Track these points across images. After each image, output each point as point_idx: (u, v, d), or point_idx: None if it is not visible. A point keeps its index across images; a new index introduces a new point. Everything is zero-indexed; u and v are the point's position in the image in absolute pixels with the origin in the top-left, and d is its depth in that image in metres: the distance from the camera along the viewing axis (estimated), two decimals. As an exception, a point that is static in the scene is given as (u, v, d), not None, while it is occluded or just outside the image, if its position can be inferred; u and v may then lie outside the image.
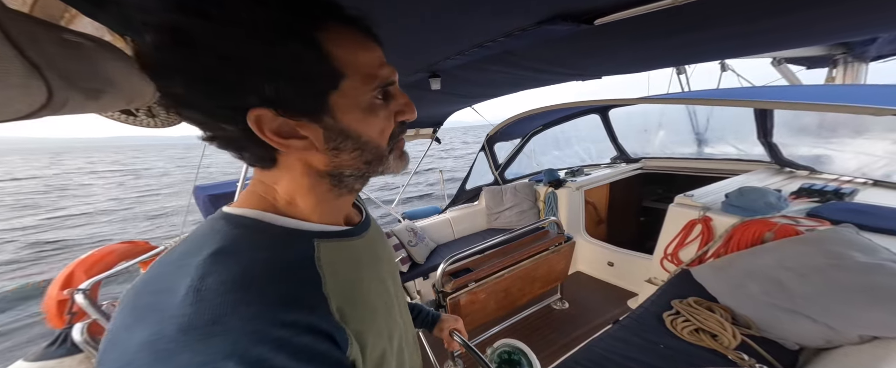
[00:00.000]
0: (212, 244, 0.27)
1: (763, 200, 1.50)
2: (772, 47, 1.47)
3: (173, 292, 0.24)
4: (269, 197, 0.33)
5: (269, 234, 0.31)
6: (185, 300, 0.23)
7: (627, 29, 0.81)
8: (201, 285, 0.24)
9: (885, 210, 1.39)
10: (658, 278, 1.78)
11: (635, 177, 2.83)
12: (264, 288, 0.26)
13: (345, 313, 0.30)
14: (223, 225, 0.30)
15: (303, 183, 0.33)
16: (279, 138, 0.29)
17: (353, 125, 0.30)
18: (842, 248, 1.11)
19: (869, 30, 1.19)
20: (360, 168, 0.33)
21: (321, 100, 0.29)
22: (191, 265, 0.25)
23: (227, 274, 0.25)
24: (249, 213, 0.32)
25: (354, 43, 0.29)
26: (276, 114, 0.28)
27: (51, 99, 0.26)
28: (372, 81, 0.30)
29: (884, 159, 1.87)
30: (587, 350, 1.12)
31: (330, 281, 0.30)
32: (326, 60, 0.27)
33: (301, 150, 0.31)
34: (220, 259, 0.26)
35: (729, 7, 0.72)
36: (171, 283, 0.25)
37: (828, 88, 1.72)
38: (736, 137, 2.67)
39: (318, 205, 0.34)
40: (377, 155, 0.33)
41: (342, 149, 0.31)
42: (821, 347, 1.02)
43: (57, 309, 1.76)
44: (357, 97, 0.30)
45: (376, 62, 0.31)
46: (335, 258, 0.33)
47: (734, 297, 1.23)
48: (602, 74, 1.60)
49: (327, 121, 0.30)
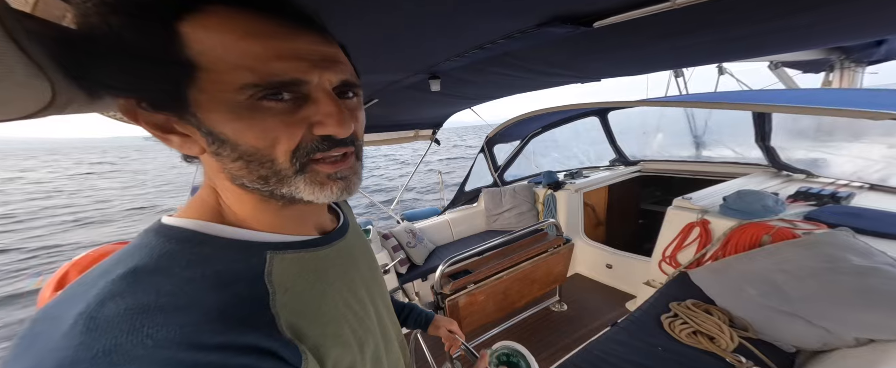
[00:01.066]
0: (129, 262, 0.24)
1: (760, 203, 1.50)
2: (769, 51, 1.48)
3: (65, 319, 0.20)
4: (214, 204, 0.30)
5: (211, 247, 0.27)
6: (73, 329, 0.19)
7: (626, 31, 0.82)
8: (98, 311, 0.20)
9: (882, 213, 1.40)
10: (656, 280, 1.79)
11: (634, 179, 2.84)
12: (188, 309, 0.22)
13: (299, 328, 0.28)
14: (153, 238, 0.26)
15: (230, 187, 0.29)
16: (157, 131, 0.26)
17: (221, 128, 0.25)
18: (838, 251, 1.12)
19: (866, 34, 1.20)
20: (256, 181, 0.28)
21: (175, 95, 0.24)
22: (98, 286, 0.22)
23: (137, 297, 0.22)
24: (189, 224, 0.28)
25: (240, 29, 0.24)
26: (135, 103, 0.25)
27: (55, 98, 0.25)
28: (244, 76, 0.24)
29: (880, 163, 1.88)
30: (586, 352, 1.12)
31: (281, 296, 0.28)
32: (173, 48, 0.23)
33: (188, 148, 0.27)
34: (133, 279, 0.23)
35: (726, 11, 0.72)
36: (67, 309, 0.21)
37: (825, 92, 1.73)
38: (734, 140, 2.69)
39: (258, 215, 0.30)
40: (272, 171, 0.27)
41: (222, 155, 0.26)
42: (817, 350, 1.02)
43: (51, 309, 1.74)
44: (221, 94, 0.24)
45: (268, 54, 0.24)
46: (292, 271, 0.30)
47: (732, 300, 1.24)
48: (601, 77, 1.61)
49: (191, 120, 0.25)
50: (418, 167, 3.17)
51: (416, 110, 2.16)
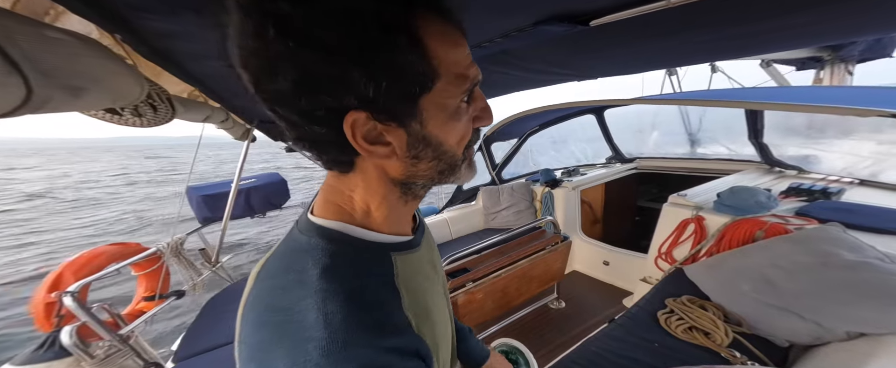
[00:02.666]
0: (316, 260, 0.27)
1: (754, 199, 1.52)
2: (761, 50, 1.49)
3: (302, 313, 0.24)
4: (347, 207, 0.31)
5: (355, 249, 0.30)
6: (317, 323, 0.24)
7: (623, 30, 0.82)
8: (325, 308, 0.25)
9: (871, 208, 1.43)
10: (653, 277, 1.80)
11: (630, 176, 2.86)
12: (369, 312, 0.26)
13: (421, 328, 0.30)
14: (317, 239, 0.29)
15: (378, 191, 0.31)
16: (366, 144, 0.26)
17: (437, 132, 0.27)
18: (829, 246, 1.14)
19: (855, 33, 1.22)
20: (433, 177, 0.31)
21: (412, 104, 0.26)
22: (306, 284, 0.26)
23: (340, 298, 0.25)
24: (333, 225, 0.31)
25: (447, 37, 0.26)
26: (369, 117, 0.25)
27: (30, 96, 0.25)
28: (463, 83, 0.27)
29: (869, 159, 1.92)
30: (583, 348, 1.13)
31: (407, 298, 0.30)
32: (425, 58, 0.24)
33: (386, 157, 0.28)
34: (330, 278, 0.26)
35: (720, 10, 0.73)
36: (295, 302, 0.25)
37: (815, 90, 1.76)
38: (727, 138, 2.72)
39: (389, 215, 0.32)
40: (451, 164, 0.30)
41: (421, 157, 0.29)
42: (810, 344, 1.04)
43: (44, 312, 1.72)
44: (446, 101, 0.27)
45: (467, 60, 0.27)
46: (408, 272, 0.32)
47: (726, 295, 1.26)
48: (598, 75, 1.61)
49: (414, 127, 0.27)
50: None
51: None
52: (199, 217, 2.16)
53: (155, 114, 0.73)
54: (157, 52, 0.69)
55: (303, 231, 0.31)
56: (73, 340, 1.21)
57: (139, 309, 1.99)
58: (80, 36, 0.38)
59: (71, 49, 0.35)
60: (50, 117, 43.50)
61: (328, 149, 0.28)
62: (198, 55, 0.70)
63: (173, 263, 1.82)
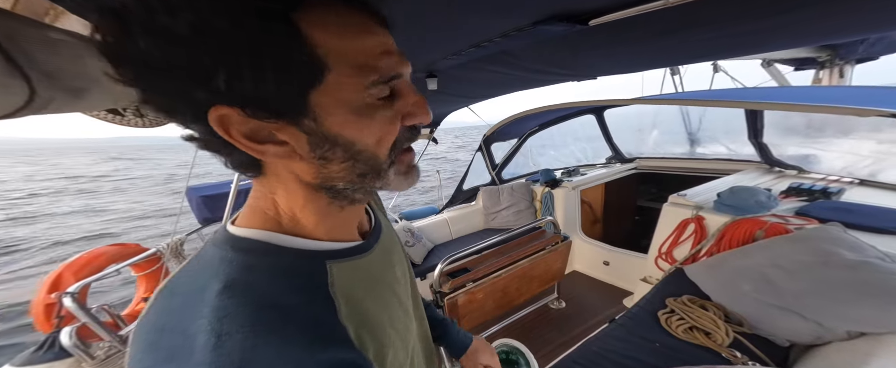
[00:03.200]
0: (221, 276, 0.24)
1: (754, 199, 1.52)
2: (761, 48, 1.50)
3: (192, 335, 0.22)
4: (272, 213, 0.29)
5: (279, 259, 0.27)
6: (206, 346, 0.21)
7: (622, 29, 0.82)
8: (220, 328, 0.22)
9: (871, 208, 1.43)
10: (653, 277, 1.80)
11: (630, 176, 2.86)
12: (284, 327, 0.23)
13: (363, 337, 0.28)
14: (229, 251, 0.27)
15: (298, 194, 0.28)
16: (252, 143, 0.24)
17: (341, 130, 0.25)
18: (829, 246, 1.14)
19: (855, 32, 1.22)
20: (354, 181, 0.27)
21: (299, 99, 0.23)
22: (204, 301, 0.23)
23: (243, 313, 0.23)
24: (255, 234, 0.28)
25: (348, 25, 0.23)
26: (243, 114, 0.22)
27: (33, 98, 0.25)
28: (367, 74, 0.24)
29: (869, 159, 1.92)
30: (584, 348, 1.13)
31: (345, 307, 0.28)
32: (305, 47, 0.22)
33: (283, 158, 0.26)
34: (233, 294, 0.23)
35: (720, 9, 0.73)
36: (187, 324, 0.23)
37: (815, 90, 1.76)
38: (727, 137, 2.72)
39: (321, 221, 0.30)
40: (373, 167, 0.27)
41: (330, 158, 0.26)
42: (811, 343, 1.04)
43: (44, 313, 1.72)
44: (346, 95, 0.24)
45: (377, 49, 0.24)
46: (349, 280, 0.30)
47: (727, 295, 1.25)
48: (597, 75, 1.61)
49: (308, 125, 0.24)
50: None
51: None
52: (199, 217, 2.16)
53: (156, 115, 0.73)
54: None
55: (216, 244, 0.28)
56: (73, 341, 1.21)
57: (139, 310, 1.99)
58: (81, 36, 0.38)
59: (72, 50, 0.35)
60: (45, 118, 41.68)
61: (219, 149, 0.25)
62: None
63: (173, 264, 1.82)
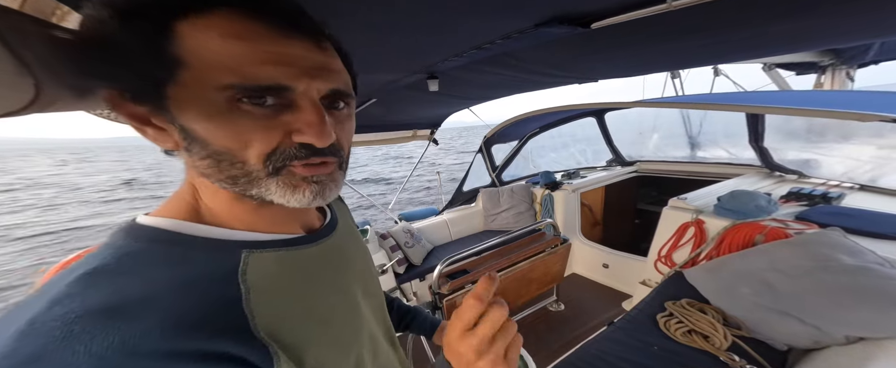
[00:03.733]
0: (91, 262, 0.23)
1: (754, 203, 1.52)
2: (763, 53, 1.50)
3: (9, 324, 0.20)
4: (191, 201, 0.30)
5: (184, 247, 0.27)
6: (13, 334, 0.19)
7: (623, 33, 0.82)
8: (44, 315, 0.19)
9: (871, 214, 1.43)
10: (652, 280, 1.80)
11: (630, 179, 2.86)
12: (141, 313, 0.21)
13: (275, 329, 0.27)
14: (121, 238, 0.26)
15: (206, 184, 0.29)
16: (134, 122, 0.26)
17: (194, 126, 0.25)
18: (829, 251, 1.14)
19: (856, 37, 1.22)
20: (224, 180, 0.27)
21: (155, 90, 0.25)
22: (52, 289, 0.21)
23: (86, 300, 0.21)
24: (164, 223, 0.28)
25: (233, 31, 0.24)
26: (119, 95, 0.25)
27: (39, 96, 0.25)
28: (224, 77, 0.24)
29: (870, 164, 1.92)
30: (583, 351, 1.13)
31: (256, 296, 0.27)
32: (162, 45, 0.23)
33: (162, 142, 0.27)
34: (88, 281, 0.22)
35: (722, 13, 0.73)
36: (17, 313, 0.21)
37: (816, 94, 1.76)
38: (728, 141, 2.72)
39: (235, 212, 0.30)
40: (243, 172, 0.27)
41: (192, 151, 0.26)
42: (809, 347, 1.04)
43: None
44: (200, 93, 0.24)
45: (257, 58, 0.24)
46: (270, 270, 0.29)
47: (726, 299, 1.25)
48: (598, 77, 1.62)
49: (169, 116, 0.25)
50: (415, 169, 3.17)
51: (414, 110, 2.15)
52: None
53: None
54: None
55: (115, 232, 0.28)
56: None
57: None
58: None
59: None
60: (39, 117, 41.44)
61: None
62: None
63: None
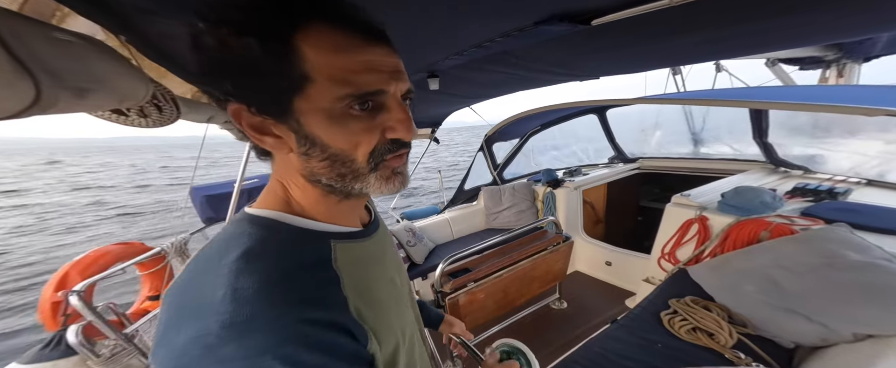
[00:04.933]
0: (240, 245, 0.29)
1: (758, 200, 1.51)
2: (766, 48, 1.48)
3: (212, 292, 0.26)
4: (283, 196, 0.34)
5: (290, 234, 0.32)
6: (224, 298, 0.25)
7: (624, 29, 0.82)
8: (235, 283, 0.26)
9: (879, 209, 1.41)
10: (655, 277, 1.79)
11: (633, 176, 2.84)
12: (290, 287, 0.27)
13: (361, 311, 0.31)
14: (247, 226, 0.31)
15: (296, 183, 0.34)
16: (255, 133, 0.30)
17: (318, 132, 0.29)
18: (836, 247, 1.12)
19: (861, 31, 1.21)
20: (334, 178, 0.32)
21: (285, 103, 0.28)
22: (223, 265, 0.27)
23: (256, 274, 0.27)
24: (268, 214, 0.33)
25: (334, 45, 0.28)
26: (248, 110, 0.29)
27: (39, 98, 0.25)
28: (341, 88, 0.28)
29: (877, 159, 1.89)
30: (585, 349, 1.12)
31: (347, 281, 0.31)
32: (292, 62, 0.27)
33: (278, 149, 0.31)
34: (249, 259, 0.28)
35: (724, 8, 0.72)
36: (209, 283, 0.27)
37: (821, 89, 1.74)
38: (731, 137, 2.69)
39: (319, 207, 0.34)
40: (351, 170, 0.31)
41: (311, 155, 0.31)
42: (816, 345, 1.02)
43: (51, 311, 1.74)
44: (322, 103, 0.28)
45: (358, 67, 0.28)
46: (349, 259, 0.34)
47: (731, 296, 1.24)
48: (599, 74, 1.61)
49: (293, 125, 0.29)
50: (416, 167, 3.16)
51: (415, 109, 2.14)
52: (203, 217, 2.18)
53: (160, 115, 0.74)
54: (161, 53, 0.69)
55: (234, 222, 0.33)
56: (79, 339, 1.23)
57: (144, 308, 2.01)
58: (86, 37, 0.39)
59: (78, 50, 0.36)
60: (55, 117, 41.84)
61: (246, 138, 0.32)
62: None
63: (177, 263, 1.84)
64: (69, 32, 0.34)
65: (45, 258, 6.15)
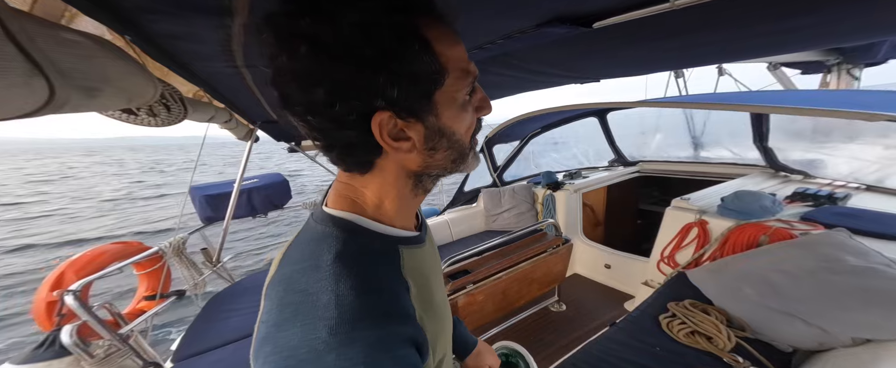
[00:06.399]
0: (330, 247, 0.30)
1: (758, 204, 1.51)
2: (768, 52, 1.48)
3: (316, 294, 0.26)
4: (360, 201, 0.34)
5: (365, 239, 0.32)
6: (329, 304, 0.26)
7: (626, 32, 0.82)
8: (337, 289, 0.26)
9: (878, 214, 1.41)
10: (654, 280, 1.79)
11: (633, 179, 2.84)
12: (379, 296, 0.28)
13: (424, 321, 0.31)
14: (331, 227, 0.32)
15: (393, 185, 0.33)
16: (392, 141, 0.29)
17: (450, 123, 0.31)
18: (834, 252, 1.12)
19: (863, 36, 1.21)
20: (447, 167, 0.33)
21: (428, 99, 0.29)
22: (320, 268, 0.28)
23: (352, 280, 0.27)
24: (346, 215, 0.33)
25: (448, 38, 0.29)
26: (392, 116, 0.28)
27: (53, 97, 0.26)
28: (466, 77, 0.30)
29: (876, 164, 1.90)
30: (584, 352, 1.12)
31: (414, 289, 0.32)
32: (433, 57, 0.27)
33: (403, 152, 0.31)
34: (342, 262, 0.28)
35: (727, 12, 0.73)
36: (310, 285, 0.27)
37: (822, 93, 1.74)
38: (732, 141, 2.70)
39: (400, 208, 0.35)
40: (462, 152, 0.33)
41: (437, 148, 0.31)
42: (814, 349, 1.02)
43: (46, 311, 1.73)
44: (455, 94, 0.30)
45: (466, 57, 0.30)
46: (413, 265, 0.34)
47: (729, 300, 1.24)
48: (600, 77, 1.61)
49: (430, 121, 0.30)
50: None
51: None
52: (202, 216, 2.17)
53: (168, 114, 0.74)
54: (165, 52, 0.70)
55: (318, 221, 0.33)
56: (73, 339, 1.21)
57: (140, 308, 2.00)
58: (95, 37, 0.39)
59: (87, 50, 0.36)
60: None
61: (355, 151, 0.31)
62: (203, 56, 0.71)
63: (175, 262, 1.83)
64: (78, 33, 0.35)
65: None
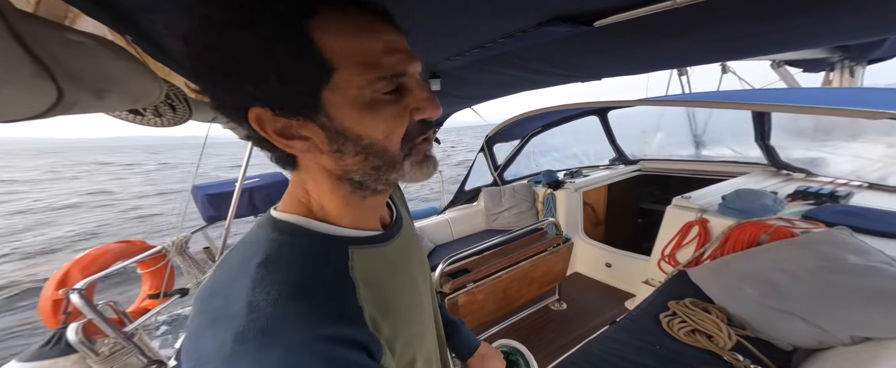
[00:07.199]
0: (262, 251, 0.28)
1: (759, 202, 1.51)
2: (771, 50, 1.47)
3: (233, 300, 0.25)
4: (305, 201, 0.32)
5: (308, 240, 0.30)
6: (241, 312, 0.24)
7: (627, 30, 0.82)
8: (253, 296, 0.25)
9: (880, 212, 1.41)
10: (655, 279, 1.79)
11: (633, 178, 2.84)
12: (305, 299, 0.26)
13: (377, 322, 0.29)
14: (270, 231, 0.30)
15: (324, 185, 0.32)
16: (282, 139, 0.27)
17: (351, 125, 0.27)
18: (836, 250, 1.12)
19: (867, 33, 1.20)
20: (369, 173, 0.30)
21: (312, 98, 0.26)
22: (245, 273, 0.26)
23: (272, 285, 0.26)
24: (290, 218, 0.31)
25: (351, 28, 0.25)
26: (274, 113, 0.26)
27: (61, 98, 0.26)
28: (369, 72, 0.26)
29: (879, 162, 1.89)
30: (585, 350, 1.13)
31: (363, 290, 0.30)
32: (313, 52, 0.24)
33: (308, 152, 0.29)
34: (267, 268, 0.27)
35: (730, 9, 0.72)
36: (231, 290, 0.26)
37: (825, 91, 1.73)
38: (733, 139, 2.69)
39: (344, 209, 0.33)
40: (386, 160, 0.29)
41: (344, 151, 0.28)
42: (814, 348, 1.03)
43: (52, 309, 1.75)
44: (352, 92, 0.26)
45: (380, 48, 0.26)
46: (368, 265, 0.32)
47: (730, 298, 1.24)
48: (602, 76, 1.60)
49: (322, 121, 0.27)
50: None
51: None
52: (204, 215, 2.18)
53: (174, 114, 0.74)
54: (165, 52, 0.70)
55: (260, 224, 0.32)
56: (79, 337, 1.23)
57: (144, 307, 2.02)
58: (98, 38, 0.39)
59: (92, 51, 0.36)
60: None
61: (265, 146, 0.29)
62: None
63: (178, 261, 1.84)
64: (82, 34, 0.35)
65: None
